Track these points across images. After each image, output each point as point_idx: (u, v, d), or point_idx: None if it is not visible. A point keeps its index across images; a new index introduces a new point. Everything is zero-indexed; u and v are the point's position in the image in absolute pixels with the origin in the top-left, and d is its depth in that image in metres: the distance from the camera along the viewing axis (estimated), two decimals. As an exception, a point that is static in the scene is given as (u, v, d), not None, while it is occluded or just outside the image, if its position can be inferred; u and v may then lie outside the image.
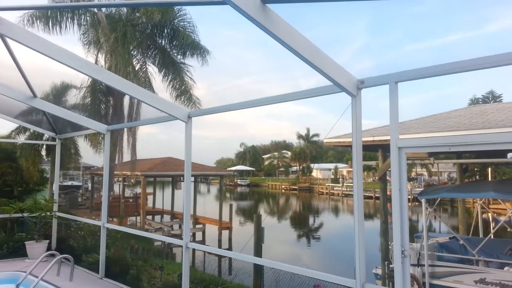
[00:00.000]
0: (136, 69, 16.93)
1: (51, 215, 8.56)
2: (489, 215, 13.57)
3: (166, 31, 17.06)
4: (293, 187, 74.39)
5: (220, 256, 16.69)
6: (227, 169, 73.70)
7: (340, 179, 73.62)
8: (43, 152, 25.41)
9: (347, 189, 60.13)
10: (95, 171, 36.12)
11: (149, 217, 29.16)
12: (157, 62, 17.51)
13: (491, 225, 12.31)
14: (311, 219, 41.43)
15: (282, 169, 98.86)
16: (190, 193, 5.37)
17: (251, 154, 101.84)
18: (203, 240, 24.95)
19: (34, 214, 8.28)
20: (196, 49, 17.03)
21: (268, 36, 2.61)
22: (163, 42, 17.46)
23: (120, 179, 30.62)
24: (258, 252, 14.53)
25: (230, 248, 22.29)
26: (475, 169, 31.75)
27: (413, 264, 8.93)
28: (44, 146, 24.02)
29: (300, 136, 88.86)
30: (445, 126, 10.51)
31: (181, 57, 17.60)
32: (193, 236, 24.56)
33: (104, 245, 6.89)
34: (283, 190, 75.29)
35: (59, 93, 18.09)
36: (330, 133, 10.80)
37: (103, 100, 17.72)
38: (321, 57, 2.99)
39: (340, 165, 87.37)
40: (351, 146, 3.38)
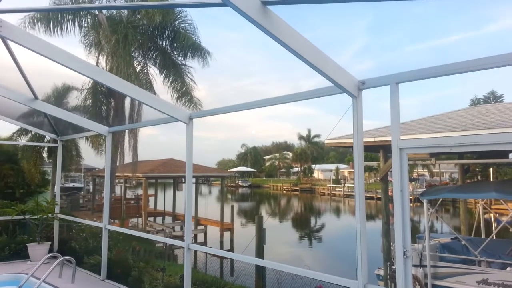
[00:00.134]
0: (137, 70, 16.97)
1: (53, 217, 8.56)
2: (491, 216, 13.54)
3: (167, 32, 17.11)
4: (295, 188, 74.34)
5: (221, 257, 16.61)
6: (228, 170, 73.62)
7: (342, 180, 73.59)
8: (45, 154, 25.45)
9: (349, 190, 60.06)
10: (96, 173, 36.17)
11: (151, 218, 29.15)
12: (158, 63, 17.55)
13: (493, 226, 12.28)
14: (312, 220, 41.39)
15: (283, 170, 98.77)
16: (192, 194, 5.37)
17: (252, 155, 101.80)
18: (205, 242, 24.94)
19: (35, 216, 8.29)
20: (197, 50, 17.08)
21: (269, 37, 2.61)
22: (164, 43, 17.51)
23: (122, 181, 30.65)
24: (260, 253, 14.51)
25: (231, 250, 22.28)
26: (477, 170, 31.66)
27: (415, 265, 8.90)
28: (46, 148, 24.05)
29: (301, 137, 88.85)
30: (446, 126, 10.49)
31: (182, 59, 17.66)
32: (195, 238, 24.54)
33: (105, 247, 6.89)
34: (284, 191, 75.21)
35: (60, 95, 18.09)
36: (331, 134, 10.78)
37: (104, 102, 17.76)
38: (322, 58, 2.99)
39: (341, 166, 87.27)
40: (352, 147, 3.37)
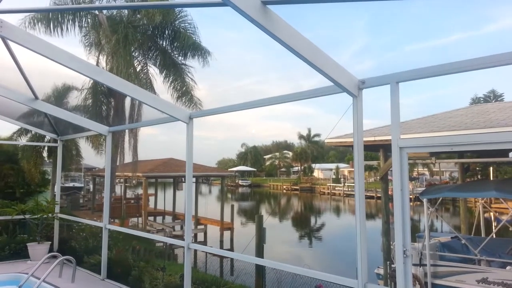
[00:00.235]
0: (137, 70, 16.97)
1: (53, 216, 8.57)
2: (491, 215, 13.57)
3: (167, 32, 17.11)
4: (295, 187, 74.37)
5: (221, 256, 16.63)
6: (229, 169, 73.67)
7: (342, 179, 73.60)
8: (45, 154, 25.47)
9: (349, 189, 60.08)
10: (96, 173, 36.18)
11: (151, 218, 29.17)
12: (158, 63, 17.55)
13: (493, 225, 12.30)
14: (312, 219, 41.40)
15: (283, 169, 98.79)
16: (192, 194, 5.38)
17: (252, 155, 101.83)
18: (205, 241, 24.95)
19: (36, 216, 8.30)
20: (197, 50, 17.07)
21: (269, 37, 2.61)
22: (164, 43, 17.50)
23: (122, 180, 30.67)
24: (259, 252, 14.52)
25: (231, 249, 22.29)
26: (477, 169, 31.71)
27: (415, 264, 8.91)
28: (46, 148, 24.07)
29: (301, 136, 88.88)
30: (446, 125, 10.49)
31: (182, 58, 17.65)
32: (195, 237, 24.56)
33: (106, 247, 6.89)
34: (284, 191, 75.24)
35: (60, 95, 18.08)
36: (331, 133, 10.77)
37: (105, 101, 17.76)
38: (322, 57, 2.99)
39: (341, 165, 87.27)
40: (353, 146, 3.37)
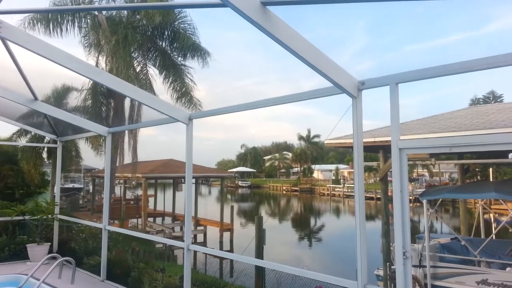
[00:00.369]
0: (137, 71, 16.97)
1: (53, 217, 8.55)
2: (491, 216, 13.55)
3: (166, 33, 17.11)
4: (294, 188, 74.34)
5: (221, 258, 16.62)
6: (228, 170, 73.67)
7: (341, 180, 73.56)
8: (44, 155, 25.47)
9: (348, 190, 60.07)
10: (96, 173, 36.18)
11: (150, 219, 29.14)
12: (157, 64, 17.55)
13: (493, 226, 12.28)
14: (312, 221, 41.38)
15: (283, 170, 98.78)
16: (191, 195, 5.37)
17: (252, 156, 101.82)
18: (205, 242, 24.94)
19: (35, 217, 8.27)
20: (197, 51, 17.07)
21: (269, 38, 2.61)
22: (164, 44, 17.51)
23: (121, 181, 30.65)
24: (259, 254, 14.51)
25: (231, 250, 22.28)
26: (477, 170, 31.69)
27: (414, 265, 8.91)
28: (45, 149, 24.05)
29: (301, 137, 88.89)
30: (446, 126, 10.49)
31: (182, 59, 17.65)
32: (195, 238, 24.53)
33: (105, 248, 6.89)
34: (284, 192, 75.22)
35: (60, 96, 18.09)
36: (331, 134, 10.76)
37: (104, 102, 17.75)
38: (322, 58, 2.99)
39: (341, 166, 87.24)
40: (352, 147, 3.37)
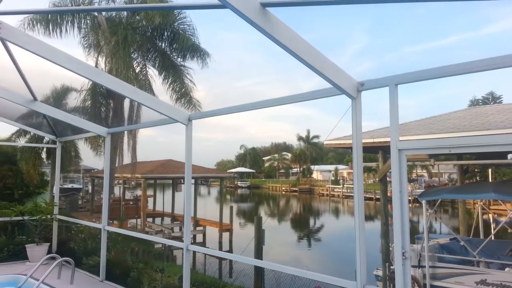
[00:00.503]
0: (137, 71, 16.96)
1: (52, 218, 8.54)
2: (490, 216, 13.59)
3: (166, 34, 17.10)
4: (294, 188, 74.33)
5: (220, 258, 16.62)
6: (228, 171, 73.63)
7: (341, 181, 73.60)
8: (44, 155, 25.43)
9: (348, 191, 60.07)
10: (95, 174, 36.14)
11: (150, 219, 29.13)
12: (157, 64, 17.53)
13: (492, 226, 12.31)
14: (311, 221, 41.39)
15: (282, 171, 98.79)
16: (191, 195, 5.37)
17: (252, 156, 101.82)
18: (204, 242, 24.94)
19: (34, 217, 8.26)
20: (196, 51, 17.06)
21: (268, 39, 2.62)
22: (163, 45, 17.49)
23: (121, 182, 30.64)
24: (258, 254, 14.51)
25: (230, 250, 22.29)
26: (476, 170, 31.72)
27: (414, 266, 8.92)
28: (45, 149, 24.02)
29: (300, 138, 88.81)
30: (445, 127, 10.51)
31: (181, 60, 17.63)
32: (194, 239, 24.52)
33: (104, 248, 6.89)
34: (283, 192, 75.22)
35: (59, 96, 18.06)
36: (330, 135, 10.78)
37: (104, 103, 17.73)
38: (321, 59, 3.00)
39: (340, 167, 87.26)
40: (352, 148, 3.38)
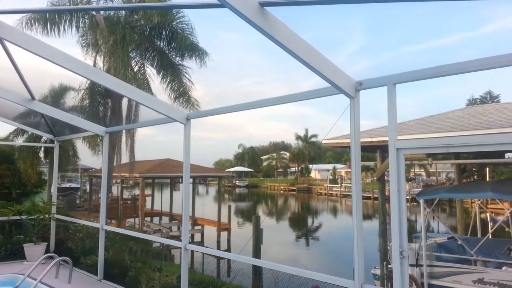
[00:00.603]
0: (135, 71, 16.93)
1: (50, 217, 8.52)
2: (487, 215, 13.62)
3: (164, 33, 17.06)
4: (292, 188, 74.40)
5: (219, 257, 16.63)
6: (226, 170, 73.57)
7: (339, 180, 73.62)
8: (41, 154, 25.32)
9: (346, 190, 60.14)
10: (93, 173, 36.07)
11: (148, 218, 29.12)
12: (155, 64, 17.50)
13: (489, 225, 12.35)
14: (309, 220, 41.44)
15: (280, 170, 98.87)
16: (189, 194, 5.37)
17: (250, 155, 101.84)
18: (202, 242, 24.93)
19: (32, 217, 8.24)
20: (195, 51, 17.04)
21: (267, 38, 2.62)
22: (162, 44, 17.46)
23: (119, 181, 30.59)
24: (257, 253, 14.52)
25: (229, 250, 22.28)
26: (473, 169, 31.80)
27: (411, 265, 8.94)
28: (42, 148, 23.94)
29: (298, 137, 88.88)
30: (443, 127, 10.54)
31: (180, 59, 17.60)
32: (192, 238, 24.51)
33: (102, 247, 6.88)
34: (281, 191, 75.26)
35: (57, 95, 17.98)
36: (328, 134, 10.82)
37: (102, 102, 17.69)
38: (320, 59, 3.00)
39: (338, 166, 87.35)
40: (350, 147, 3.39)
